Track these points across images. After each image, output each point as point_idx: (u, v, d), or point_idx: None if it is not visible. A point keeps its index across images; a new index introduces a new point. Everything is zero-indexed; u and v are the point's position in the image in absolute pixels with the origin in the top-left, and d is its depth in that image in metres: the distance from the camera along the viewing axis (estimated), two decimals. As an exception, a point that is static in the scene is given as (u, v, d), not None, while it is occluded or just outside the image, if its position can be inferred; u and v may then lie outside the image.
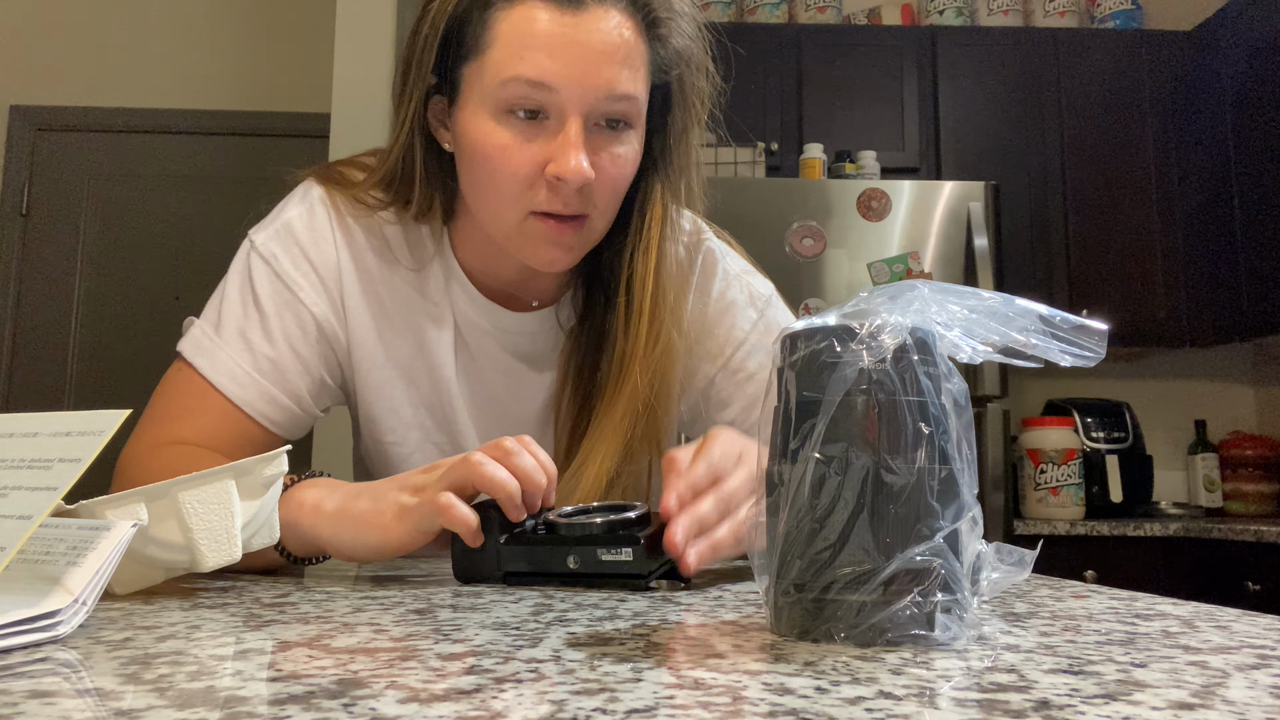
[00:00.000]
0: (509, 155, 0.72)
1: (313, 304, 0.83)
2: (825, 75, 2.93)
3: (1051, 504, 2.68)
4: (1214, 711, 0.32)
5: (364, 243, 0.85)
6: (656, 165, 0.82)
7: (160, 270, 3.56)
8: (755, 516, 0.46)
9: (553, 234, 0.75)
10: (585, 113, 0.71)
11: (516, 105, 0.71)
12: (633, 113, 0.74)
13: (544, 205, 0.73)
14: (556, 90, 0.70)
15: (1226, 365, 3.23)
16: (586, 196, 0.74)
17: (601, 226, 0.78)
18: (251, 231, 0.87)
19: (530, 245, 0.76)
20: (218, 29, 3.70)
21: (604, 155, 0.74)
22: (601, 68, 0.70)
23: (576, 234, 0.75)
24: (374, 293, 0.84)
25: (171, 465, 0.74)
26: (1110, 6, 3.14)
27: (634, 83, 0.73)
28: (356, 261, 0.84)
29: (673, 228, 0.83)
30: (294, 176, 0.90)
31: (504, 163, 0.72)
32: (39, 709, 0.31)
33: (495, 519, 0.68)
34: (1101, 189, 2.94)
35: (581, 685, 0.35)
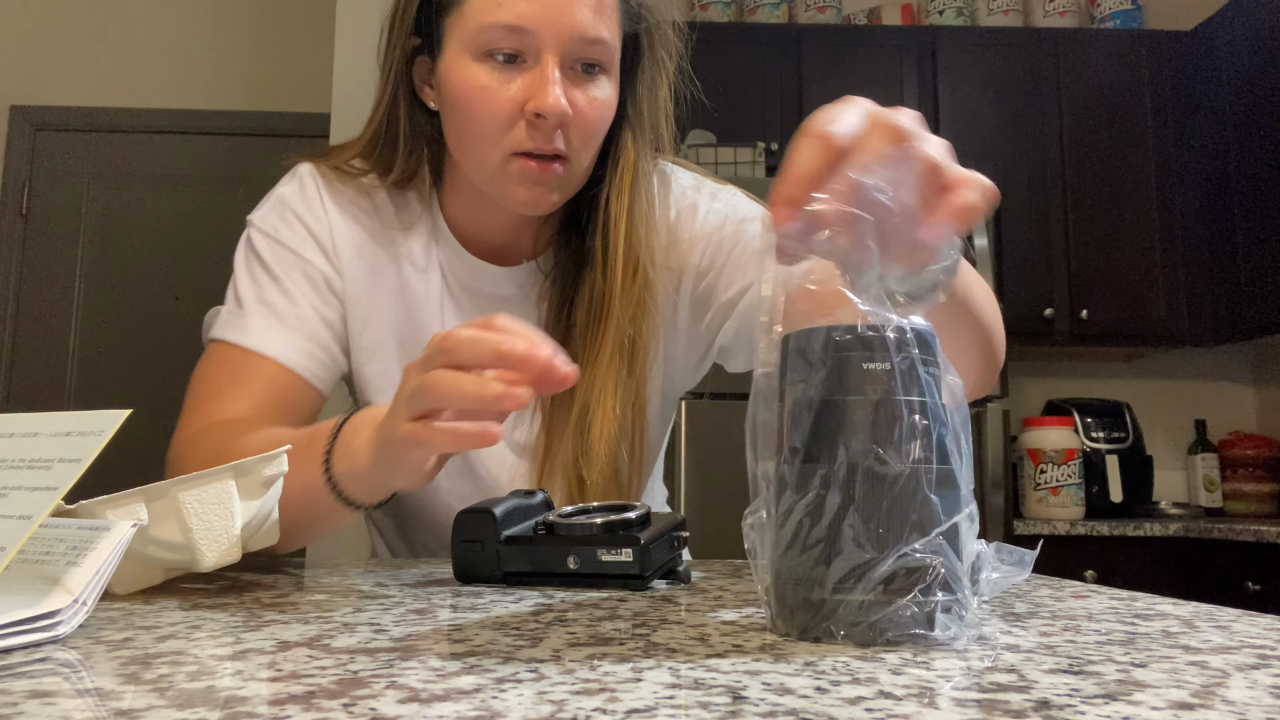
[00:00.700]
0: (490, 96, 0.75)
1: (315, 261, 0.86)
2: (825, 75, 2.93)
3: (1051, 504, 2.68)
4: (1214, 711, 0.32)
5: (353, 207, 0.88)
6: (628, 115, 0.85)
7: (160, 270, 3.56)
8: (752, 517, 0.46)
9: (533, 174, 0.78)
10: (560, 54, 0.75)
11: (495, 49, 0.75)
12: (605, 57, 0.78)
13: (525, 145, 0.76)
14: (532, 33, 0.74)
15: (1226, 365, 3.23)
16: (565, 136, 0.77)
17: (580, 169, 0.81)
18: (249, 216, 0.91)
19: (512, 186, 0.79)
20: (218, 29, 3.70)
21: (580, 96, 0.77)
22: (575, 11, 0.74)
23: (556, 175, 0.78)
24: (364, 255, 0.87)
25: (221, 444, 0.75)
26: (1110, 6, 3.14)
27: (605, 28, 0.77)
28: (347, 225, 0.87)
29: (644, 175, 0.86)
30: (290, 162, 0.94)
31: (484, 103, 0.75)
32: (39, 709, 0.31)
33: (494, 519, 0.68)
34: (1101, 189, 2.94)
35: (581, 685, 0.35)
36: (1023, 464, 2.76)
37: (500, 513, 0.69)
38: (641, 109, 0.85)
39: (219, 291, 0.93)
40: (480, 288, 0.89)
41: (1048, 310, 2.85)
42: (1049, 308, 2.86)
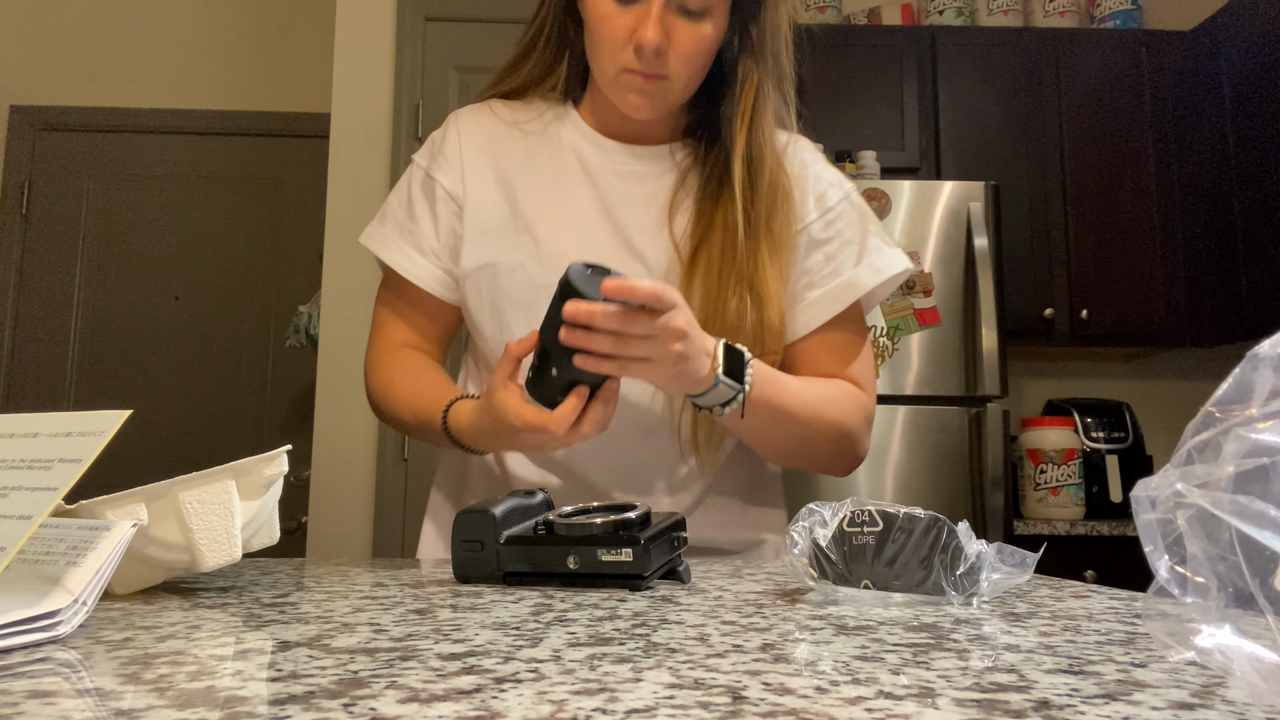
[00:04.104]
0: (608, 23, 0.94)
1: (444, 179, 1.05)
2: (825, 75, 2.93)
3: (1051, 504, 2.68)
4: (1214, 711, 0.32)
5: (483, 121, 1.07)
6: (751, 44, 1.00)
7: (160, 270, 3.56)
8: None
9: (638, 84, 0.95)
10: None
11: None
12: (706, 4, 0.93)
13: (632, 64, 0.94)
14: None
15: (1226, 365, 3.21)
16: (663, 60, 0.94)
17: (680, 86, 0.97)
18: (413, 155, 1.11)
19: (621, 93, 0.97)
20: (218, 29, 3.70)
21: (679, 31, 0.93)
22: None
23: (656, 85, 0.95)
24: (491, 148, 1.06)
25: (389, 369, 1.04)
26: (1110, 6, 3.14)
27: None
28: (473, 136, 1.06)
29: (765, 100, 1.01)
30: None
31: (605, 29, 0.94)
32: (39, 709, 0.31)
33: (494, 519, 0.68)
34: (1101, 189, 2.93)
35: (581, 685, 0.35)
36: (1023, 464, 2.76)
37: (500, 513, 0.69)
38: (765, 40, 1.00)
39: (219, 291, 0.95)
40: (607, 160, 1.04)
41: (1048, 310, 2.85)
42: (1049, 308, 2.86)
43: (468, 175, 1.04)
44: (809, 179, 1.04)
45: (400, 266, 1.04)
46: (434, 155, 1.07)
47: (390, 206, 1.08)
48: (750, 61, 1.00)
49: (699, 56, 0.95)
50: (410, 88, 2.93)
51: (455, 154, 1.05)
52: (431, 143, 1.09)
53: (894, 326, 2.44)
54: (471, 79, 2.87)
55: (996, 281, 2.44)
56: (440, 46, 2.96)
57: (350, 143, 2.92)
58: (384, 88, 2.95)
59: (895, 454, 2.41)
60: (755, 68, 1.00)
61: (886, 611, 0.56)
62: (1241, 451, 0.30)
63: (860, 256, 1.01)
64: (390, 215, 1.07)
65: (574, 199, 1.02)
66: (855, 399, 0.99)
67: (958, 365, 2.44)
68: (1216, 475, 0.30)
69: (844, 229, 1.03)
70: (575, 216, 1.01)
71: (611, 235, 1.00)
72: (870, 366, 1.03)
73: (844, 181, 1.07)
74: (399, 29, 2.96)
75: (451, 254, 1.04)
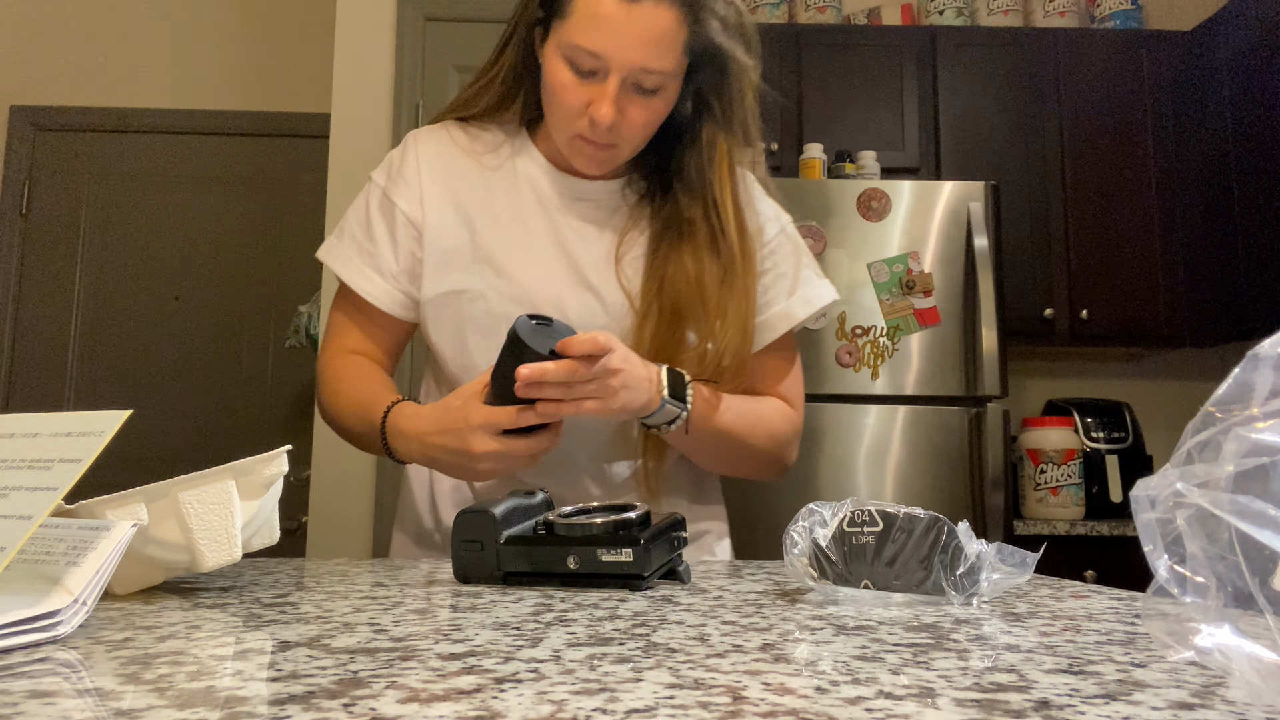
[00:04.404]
0: (567, 92, 0.98)
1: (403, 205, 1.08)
2: (825, 75, 2.93)
3: (1051, 504, 2.68)
4: (1214, 711, 0.32)
5: (442, 147, 1.10)
6: (715, 116, 1.05)
7: (160, 270, 3.56)
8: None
9: (589, 151, 1.01)
10: (623, 77, 0.96)
11: (576, 61, 0.96)
12: (661, 83, 0.98)
13: (585, 132, 0.99)
14: (604, 59, 0.95)
15: (1226, 365, 3.21)
16: (615, 132, 0.99)
17: (628, 152, 1.03)
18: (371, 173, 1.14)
19: (574, 154, 1.03)
20: (218, 29, 3.70)
21: (633, 106, 0.98)
22: (642, 49, 0.94)
23: (608, 153, 1.01)
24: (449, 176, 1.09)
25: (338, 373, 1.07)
26: (1110, 6, 3.14)
27: (665, 62, 0.96)
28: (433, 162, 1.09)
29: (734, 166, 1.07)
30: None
31: (563, 97, 0.98)
32: (39, 709, 0.31)
33: (494, 520, 0.68)
34: (1101, 189, 2.93)
35: (581, 685, 0.35)
36: (1023, 464, 2.76)
37: (500, 513, 0.69)
38: (730, 112, 1.05)
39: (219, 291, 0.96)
40: (560, 191, 1.08)
41: (1048, 310, 2.85)
42: (1049, 308, 2.86)
43: (426, 201, 1.07)
44: (751, 216, 1.10)
45: (359, 286, 1.07)
46: (393, 177, 1.09)
47: (348, 223, 1.10)
48: (714, 129, 1.05)
49: (649, 127, 1.01)
50: (410, 88, 2.93)
51: (414, 179, 1.08)
52: (389, 163, 1.11)
53: (894, 326, 2.44)
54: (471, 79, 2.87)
55: (996, 281, 2.44)
56: (440, 46, 2.96)
57: (350, 143, 2.92)
58: (384, 88, 2.95)
59: (895, 454, 2.41)
60: (724, 137, 1.06)
61: (886, 611, 0.56)
62: (1241, 451, 0.30)
63: (794, 288, 1.10)
64: (349, 232, 1.10)
65: (531, 231, 1.06)
66: (786, 416, 1.08)
67: (958, 365, 2.44)
68: (1216, 475, 0.30)
69: (780, 261, 1.11)
70: (533, 249, 1.06)
71: (567, 267, 1.05)
72: (800, 384, 1.13)
73: (780, 214, 1.15)
74: (399, 29, 2.96)
75: (410, 276, 1.07)
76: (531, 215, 1.07)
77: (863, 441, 2.41)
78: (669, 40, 0.95)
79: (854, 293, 2.43)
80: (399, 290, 1.07)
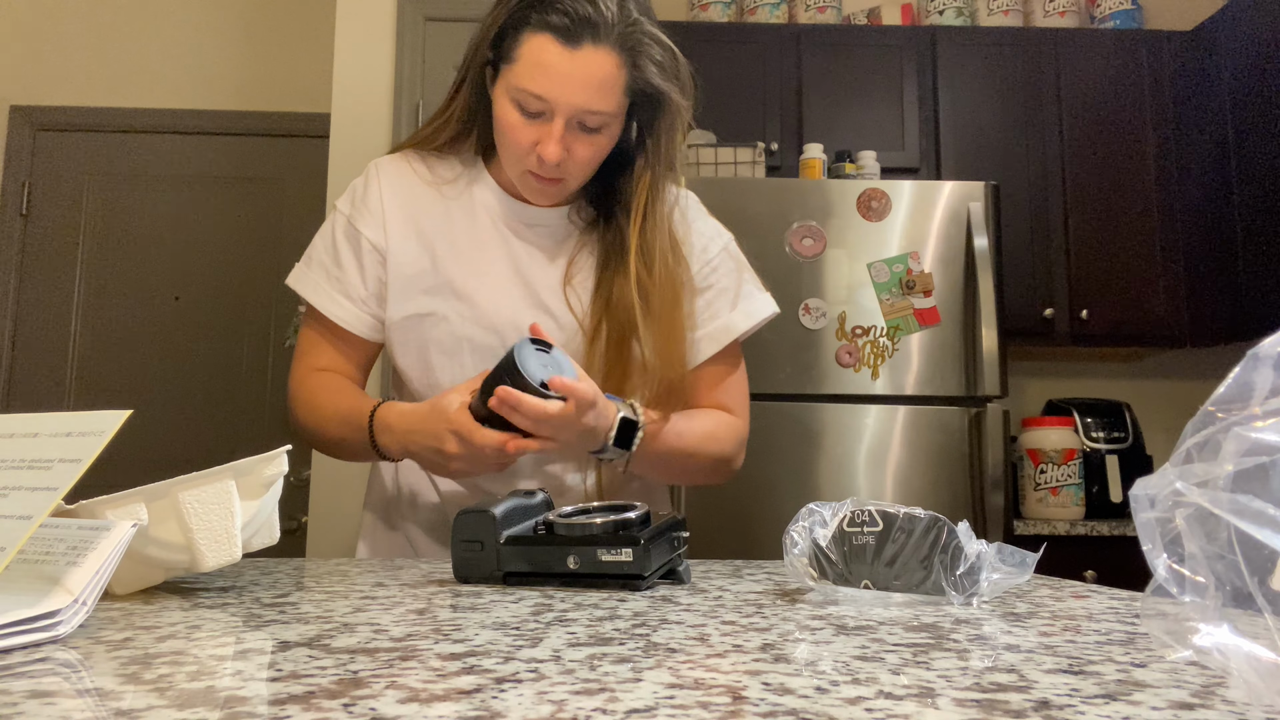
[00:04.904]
0: (516, 131, 1.03)
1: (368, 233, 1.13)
2: (825, 75, 2.93)
3: (1051, 504, 2.67)
4: (1214, 711, 0.32)
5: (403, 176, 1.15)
6: (647, 150, 1.10)
7: (160, 270, 3.56)
8: None
9: (538, 185, 1.07)
10: (568, 118, 1.01)
11: (523, 104, 1.02)
12: (603, 122, 1.03)
13: (534, 168, 1.05)
14: (550, 102, 1.00)
15: (1226, 365, 3.21)
16: (563, 168, 1.05)
17: (575, 184, 1.09)
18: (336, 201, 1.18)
19: (525, 187, 1.08)
20: (218, 29, 3.70)
21: (578, 144, 1.04)
22: (585, 93, 1.00)
23: (556, 187, 1.07)
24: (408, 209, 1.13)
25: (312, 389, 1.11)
26: (1110, 6, 3.14)
27: (607, 103, 1.02)
28: (395, 189, 1.14)
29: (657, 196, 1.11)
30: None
31: (511, 136, 1.04)
32: (39, 709, 0.31)
33: (494, 520, 0.68)
34: (1101, 189, 2.93)
35: (581, 685, 0.35)
36: (1023, 464, 2.76)
37: (500, 513, 0.69)
38: (660, 146, 1.10)
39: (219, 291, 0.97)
40: (514, 219, 1.13)
41: (1048, 310, 2.85)
42: (1049, 308, 2.86)
43: (389, 228, 1.12)
44: (694, 235, 1.17)
45: (330, 312, 1.12)
46: (356, 205, 1.14)
47: (315, 250, 1.16)
48: (644, 162, 1.11)
49: (595, 162, 1.07)
50: (410, 88, 2.93)
51: (378, 207, 1.13)
52: (353, 191, 1.16)
53: (894, 326, 2.44)
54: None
55: (996, 281, 2.44)
56: (440, 46, 2.96)
57: (350, 143, 2.92)
58: (384, 88, 2.95)
59: (895, 454, 2.41)
60: (647, 169, 1.11)
61: (886, 611, 0.55)
62: (1241, 450, 0.30)
63: (735, 302, 1.16)
64: (316, 260, 1.15)
65: (488, 257, 1.12)
66: (731, 427, 1.14)
67: (958, 365, 2.44)
68: (1215, 474, 0.30)
69: (722, 277, 1.17)
70: (490, 273, 1.11)
71: (523, 291, 1.11)
72: (743, 393, 1.18)
73: (721, 233, 1.21)
74: (399, 29, 2.96)
75: (378, 300, 1.13)
76: (489, 241, 1.12)
77: (863, 441, 2.41)
78: (610, 84, 1.01)
79: (854, 293, 2.43)
80: (367, 313, 1.13)
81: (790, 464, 2.39)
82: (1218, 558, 0.29)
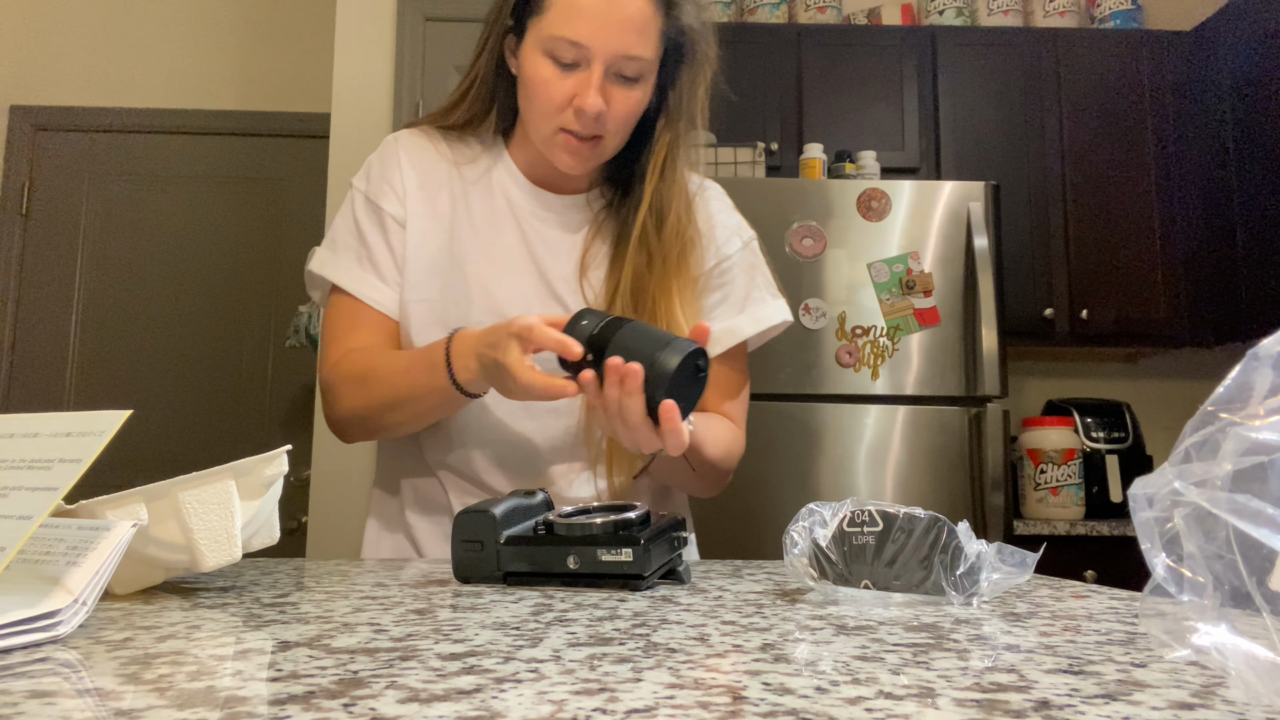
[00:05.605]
0: (548, 87, 0.99)
1: (389, 208, 1.08)
2: (825, 75, 2.93)
3: (1051, 504, 2.68)
4: (1214, 711, 0.32)
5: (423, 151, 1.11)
6: (668, 104, 1.06)
7: (160, 270, 3.56)
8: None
9: (573, 146, 1.01)
10: (605, 65, 0.97)
11: (558, 54, 0.97)
12: (641, 70, 0.99)
13: (571, 126, 1.00)
14: (586, 48, 0.96)
15: (1226, 365, 3.21)
16: (600, 122, 0.99)
17: (612, 146, 1.03)
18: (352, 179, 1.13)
19: (557, 152, 1.02)
20: (218, 29, 3.70)
21: (616, 96, 0.99)
22: (622, 36, 0.96)
23: (592, 149, 1.02)
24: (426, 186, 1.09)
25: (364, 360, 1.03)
26: (1110, 6, 3.14)
27: (645, 49, 0.98)
28: (415, 164, 1.10)
29: (675, 156, 1.07)
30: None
31: (544, 92, 0.99)
32: (39, 709, 0.31)
33: (494, 520, 0.68)
34: (1101, 189, 2.93)
35: (581, 685, 0.35)
36: (1023, 464, 2.76)
37: (500, 513, 0.69)
38: (681, 101, 1.06)
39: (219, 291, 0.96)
40: (532, 207, 1.09)
41: (1048, 310, 2.85)
42: (1049, 308, 2.86)
43: (409, 202, 1.08)
44: (716, 227, 1.12)
45: (365, 296, 1.06)
46: (374, 180, 1.09)
47: (339, 233, 1.10)
48: (664, 121, 1.07)
49: (632, 119, 1.02)
50: (410, 88, 2.93)
51: (398, 180, 1.08)
52: (368, 168, 1.11)
53: (894, 326, 2.44)
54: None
55: (996, 281, 2.44)
56: (440, 46, 2.96)
57: (350, 143, 2.92)
58: (384, 88, 2.95)
59: (895, 454, 2.41)
60: (668, 128, 1.07)
61: (886, 611, 0.56)
62: (1240, 449, 0.30)
63: (744, 305, 1.11)
64: (342, 242, 1.09)
65: (503, 243, 1.08)
66: (737, 440, 1.09)
67: (958, 365, 2.44)
68: (1214, 473, 0.30)
69: (736, 276, 1.12)
70: (504, 261, 1.07)
71: (537, 280, 1.07)
72: (745, 404, 1.13)
73: (744, 229, 1.16)
74: (399, 29, 2.96)
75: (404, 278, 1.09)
76: (505, 227, 1.08)
77: (863, 441, 2.41)
78: (648, 26, 0.98)
79: (854, 293, 2.43)
80: (400, 294, 1.08)
81: (790, 464, 2.39)
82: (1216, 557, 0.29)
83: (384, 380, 1.00)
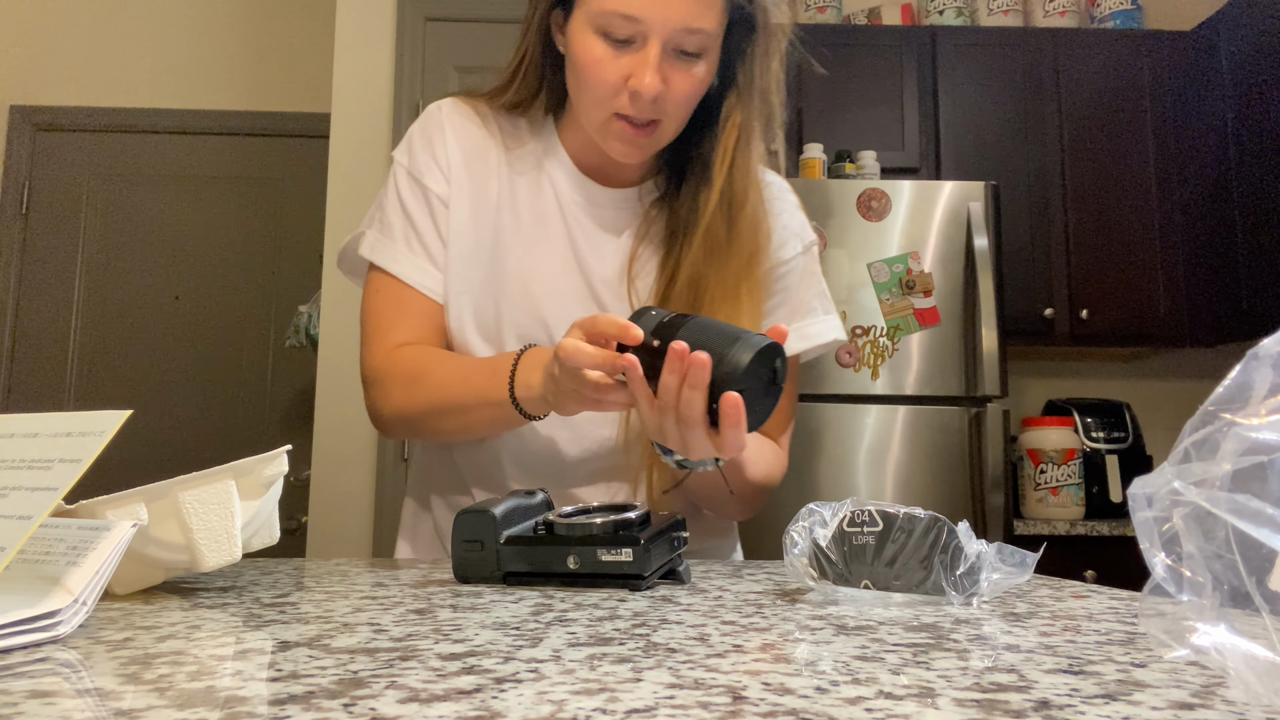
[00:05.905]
0: (602, 67, 0.89)
1: (434, 187, 1.01)
2: (825, 75, 2.93)
3: (1051, 504, 2.68)
4: (1214, 711, 0.32)
5: (470, 126, 1.03)
6: (738, 82, 0.96)
7: (160, 270, 3.56)
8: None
9: (628, 134, 0.92)
10: (664, 41, 0.87)
11: (611, 30, 0.88)
12: (703, 45, 0.89)
13: (625, 110, 0.90)
14: (642, 22, 0.86)
15: (1226, 365, 3.21)
16: (659, 105, 0.90)
17: (670, 131, 0.94)
18: (393, 153, 1.05)
19: (610, 139, 0.93)
20: (218, 29, 3.70)
21: (676, 75, 0.89)
22: (682, 7, 0.86)
23: (648, 136, 0.92)
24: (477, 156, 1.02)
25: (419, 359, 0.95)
26: (1110, 6, 3.14)
27: (707, 20, 0.88)
28: (460, 141, 1.02)
29: (749, 138, 0.97)
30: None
31: (596, 73, 0.89)
32: (39, 709, 0.31)
33: (494, 520, 0.68)
34: (1101, 189, 2.93)
35: (581, 685, 0.35)
36: (1023, 464, 2.76)
37: (500, 513, 0.69)
38: (753, 75, 0.96)
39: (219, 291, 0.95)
40: (582, 200, 1.01)
41: (1048, 310, 2.85)
42: (1049, 308, 2.86)
43: (453, 181, 1.00)
44: (778, 229, 1.02)
45: (417, 282, 0.99)
46: (415, 155, 1.02)
47: (386, 214, 1.02)
48: (734, 99, 0.97)
49: (693, 98, 0.92)
50: (410, 88, 2.93)
51: (443, 155, 1.01)
52: (410, 141, 1.03)
53: (894, 326, 2.44)
54: (471, 79, 2.87)
55: (996, 281, 2.44)
56: (440, 46, 2.96)
57: (350, 143, 2.92)
58: (384, 88, 2.95)
59: (895, 454, 2.41)
60: (739, 106, 0.97)
61: (886, 611, 0.56)
62: (1239, 449, 0.30)
63: (792, 318, 1.02)
64: (390, 224, 1.01)
65: (547, 236, 1.00)
66: (780, 462, 1.02)
67: (958, 365, 2.44)
68: (1214, 473, 0.30)
69: (791, 284, 1.03)
70: (547, 257, 0.99)
71: (580, 282, 0.99)
72: (790, 426, 1.07)
73: (805, 232, 1.06)
74: (399, 29, 2.96)
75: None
76: (550, 220, 1.00)
77: (863, 441, 2.41)
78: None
79: (854, 293, 2.43)
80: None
81: (790, 464, 2.38)
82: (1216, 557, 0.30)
83: (439, 385, 0.93)
